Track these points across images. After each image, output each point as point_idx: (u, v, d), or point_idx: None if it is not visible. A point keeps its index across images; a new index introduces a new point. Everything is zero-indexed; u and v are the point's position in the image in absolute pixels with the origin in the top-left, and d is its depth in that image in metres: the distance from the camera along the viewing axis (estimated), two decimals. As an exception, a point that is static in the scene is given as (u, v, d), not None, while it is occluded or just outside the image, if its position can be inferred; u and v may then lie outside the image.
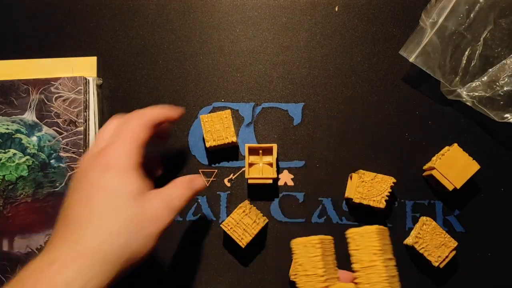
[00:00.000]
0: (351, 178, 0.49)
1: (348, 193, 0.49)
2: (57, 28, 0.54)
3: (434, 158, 0.50)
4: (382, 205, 0.47)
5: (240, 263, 0.50)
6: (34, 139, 0.50)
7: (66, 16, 0.54)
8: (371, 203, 0.47)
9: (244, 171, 0.51)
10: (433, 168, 0.48)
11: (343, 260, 0.35)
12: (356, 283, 0.35)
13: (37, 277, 0.31)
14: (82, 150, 0.50)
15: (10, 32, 0.54)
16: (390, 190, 0.47)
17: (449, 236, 0.47)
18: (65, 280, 0.31)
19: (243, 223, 0.47)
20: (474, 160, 0.47)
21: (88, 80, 0.51)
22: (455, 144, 0.48)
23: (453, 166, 0.47)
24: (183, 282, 0.49)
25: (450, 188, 0.47)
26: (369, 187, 0.47)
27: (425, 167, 0.50)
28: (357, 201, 0.47)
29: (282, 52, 0.53)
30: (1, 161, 0.50)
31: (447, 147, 0.49)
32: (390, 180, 0.48)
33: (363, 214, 0.50)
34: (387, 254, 0.35)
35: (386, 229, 0.37)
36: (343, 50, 0.53)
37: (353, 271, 0.36)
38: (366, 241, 0.35)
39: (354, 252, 0.36)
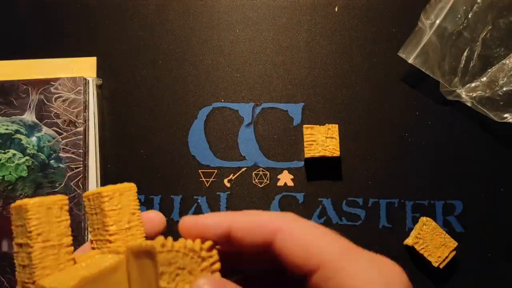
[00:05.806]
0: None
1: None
2: (57, 28, 0.54)
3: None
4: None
5: (240, 263, 0.50)
6: (34, 139, 0.50)
7: (66, 16, 0.54)
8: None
9: (244, 172, 0.51)
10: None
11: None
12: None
13: None
14: (81, 151, 0.50)
15: (10, 32, 0.54)
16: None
17: (449, 236, 0.47)
18: None
19: (243, 223, 0.47)
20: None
21: (88, 80, 0.51)
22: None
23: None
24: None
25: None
26: None
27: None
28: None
29: (282, 52, 0.53)
30: (1, 162, 0.49)
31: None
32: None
33: (364, 215, 0.50)
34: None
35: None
36: (343, 50, 0.53)
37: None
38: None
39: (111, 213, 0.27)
